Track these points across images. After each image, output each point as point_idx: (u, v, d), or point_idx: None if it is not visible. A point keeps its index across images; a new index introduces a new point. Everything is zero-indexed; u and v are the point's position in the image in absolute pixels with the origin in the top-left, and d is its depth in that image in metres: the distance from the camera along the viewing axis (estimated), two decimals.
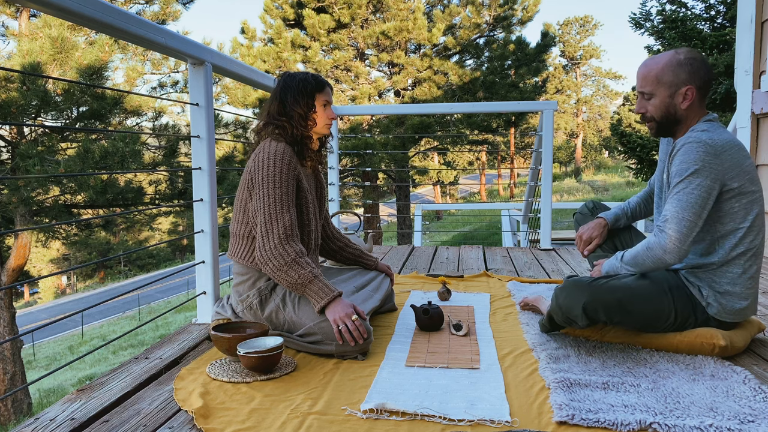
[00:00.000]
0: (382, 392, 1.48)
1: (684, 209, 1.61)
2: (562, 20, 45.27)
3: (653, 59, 1.74)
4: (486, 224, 21.86)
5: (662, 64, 1.71)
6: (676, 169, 1.65)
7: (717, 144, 1.63)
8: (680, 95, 1.70)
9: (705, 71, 1.71)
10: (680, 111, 1.72)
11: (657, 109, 1.74)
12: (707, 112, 1.76)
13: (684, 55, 1.70)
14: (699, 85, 1.70)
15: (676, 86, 1.70)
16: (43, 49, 7.84)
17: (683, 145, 1.66)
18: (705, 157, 1.61)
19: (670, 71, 1.70)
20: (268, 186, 1.81)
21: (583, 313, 1.65)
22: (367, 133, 12.78)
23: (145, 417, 1.39)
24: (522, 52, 13.90)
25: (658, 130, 1.79)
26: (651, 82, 1.72)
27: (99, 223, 10.85)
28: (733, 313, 1.72)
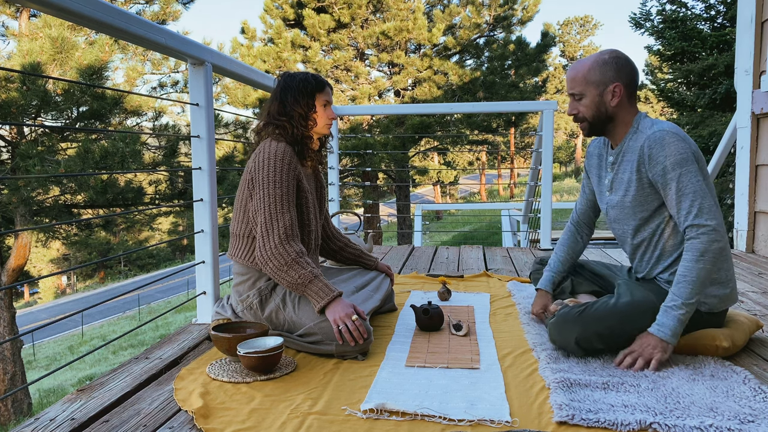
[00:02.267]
0: (382, 392, 1.48)
1: (704, 197, 1.61)
2: (562, 20, 45.28)
3: (580, 62, 1.79)
4: (486, 224, 21.86)
5: (588, 65, 1.76)
6: (663, 165, 1.65)
7: (678, 131, 1.67)
8: (609, 93, 1.74)
9: (630, 69, 1.75)
10: (611, 109, 1.76)
11: (588, 109, 1.77)
12: (637, 108, 1.79)
13: (609, 55, 1.75)
14: (626, 83, 1.74)
15: (604, 84, 1.74)
16: (43, 49, 7.84)
17: (653, 143, 1.67)
18: (680, 144, 1.64)
19: (597, 70, 1.74)
20: (269, 186, 1.81)
21: (577, 346, 1.67)
22: (367, 133, 12.78)
23: (145, 417, 1.39)
24: (522, 52, 13.90)
25: (591, 129, 1.81)
26: (579, 83, 1.76)
27: (99, 223, 10.85)
28: (722, 301, 1.73)
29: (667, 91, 8.22)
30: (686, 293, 1.59)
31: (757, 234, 3.76)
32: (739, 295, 2.57)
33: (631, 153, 1.75)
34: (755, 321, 1.85)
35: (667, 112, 29.33)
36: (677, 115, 8.74)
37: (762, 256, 3.64)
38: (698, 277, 1.59)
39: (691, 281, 1.59)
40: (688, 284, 1.59)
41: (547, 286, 2.09)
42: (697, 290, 1.59)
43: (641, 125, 1.75)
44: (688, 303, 1.60)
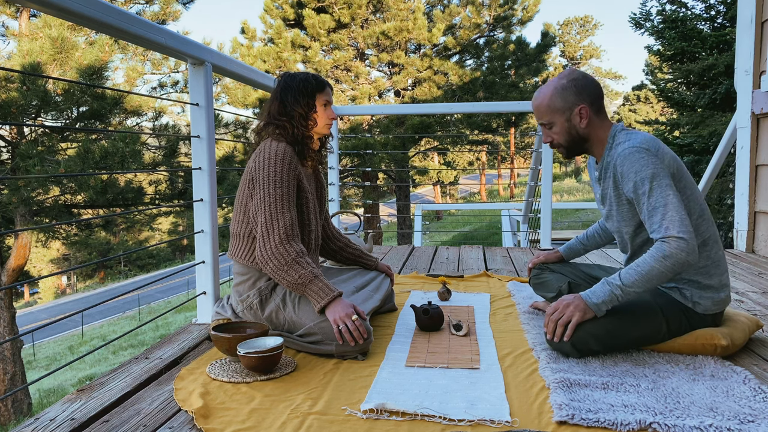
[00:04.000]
0: (382, 392, 1.48)
1: (673, 210, 1.60)
2: (562, 20, 45.29)
3: (540, 91, 1.81)
4: (486, 224, 21.86)
5: (549, 94, 1.78)
6: (633, 181, 1.66)
7: (650, 145, 1.68)
8: (576, 116, 1.76)
9: (591, 87, 1.77)
10: (582, 130, 1.78)
11: (560, 135, 1.80)
12: (611, 122, 1.81)
13: (566, 79, 1.77)
14: (590, 101, 1.76)
15: (569, 109, 1.76)
16: (43, 49, 7.84)
17: (624, 159, 1.68)
18: (649, 159, 1.65)
19: (558, 97, 1.76)
20: (269, 186, 1.81)
21: (573, 349, 1.67)
22: (367, 133, 12.78)
23: (145, 417, 1.39)
24: (522, 52, 13.91)
25: (569, 152, 1.84)
26: (545, 112, 1.79)
27: (99, 223, 10.85)
28: (718, 303, 1.75)
29: (667, 91, 8.22)
30: (630, 280, 1.61)
31: (757, 234, 3.76)
32: (739, 295, 2.57)
33: (609, 169, 1.77)
34: (755, 321, 1.85)
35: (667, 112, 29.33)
36: (677, 115, 8.75)
37: (762, 256, 3.64)
38: (649, 273, 1.59)
39: (640, 273, 1.60)
40: (636, 274, 1.60)
41: (564, 249, 2.21)
42: (641, 283, 1.60)
43: (616, 140, 1.76)
44: (626, 289, 1.61)
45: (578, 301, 1.66)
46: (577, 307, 1.66)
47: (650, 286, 1.61)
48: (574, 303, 1.67)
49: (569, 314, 1.66)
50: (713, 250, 1.74)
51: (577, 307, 1.66)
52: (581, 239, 2.21)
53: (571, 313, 1.66)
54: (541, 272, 2.20)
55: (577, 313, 1.65)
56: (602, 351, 1.70)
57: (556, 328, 1.67)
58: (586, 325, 1.66)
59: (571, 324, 1.65)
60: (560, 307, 1.69)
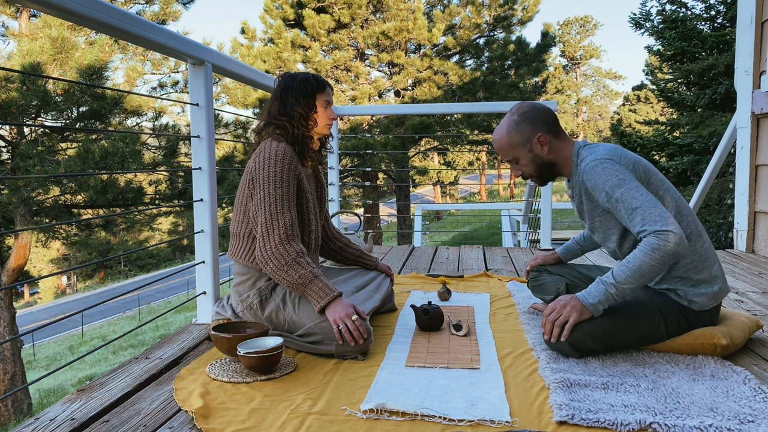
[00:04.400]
0: (382, 392, 1.48)
1: (650, 207, 1.62)
2: (562, 20, 45.31)
3: (497, 132, 1.86)
4: (486, 224, 21.86)
5: (505, 132, 1.83)
6: (604, 192, 1.69)
7: (611, 155, 1.72)
8: (536, 144, 1.81)
9: (542, 114, 1.81)
10: (547, 157, 1.83)
11: (528, 167, 1.85)
12: (571, 140, 1.85)
13: (517, 114, 1.82)
14: (546, 128, 1.81)
15: (528, 140, 1.81)
16: (43, 49, 7.84)
17: (588, 175, 1.72)
18: (611, 168, 1.68)
19: (515, 133, 1.81)
20: (269, 186, 1.81)
21: (571, 349, 1.68)
22: (367, 133, 12.78)
23: (145, 417, 1.39)
24: (522, 52, 13.90)
25: (542, 179, 1.89)
26: (507, 150, 1.84)
27: (99, 223, 10.85)
28: (713, 297, 1.75)
29: (667, 91, 8.22)
30: (622, 277, 1.62)
31: (757, 234, 3.76)
32: (739, 295, 2.57)
33: (579, 186, 1.81)
34: (755, 321, 1.85)
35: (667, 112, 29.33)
36: (677, 115, 8.75)
37: (762, 256, 3.64)
38: (640, 267, 1.60)
39: (631, 269, 1.61)
40: (627, 270, 1.61)
41: (561, 250, 2.23)
42: (633, 278, 1.61)
43: (580, 156, 1.79)
44: (619, 286, 1.62)
45: (575, 302, 1.67)
46: (574, 308, 1.66)
47: (643, 280, 1.62)
48: (570, 303, 1.67)
49: (566, 315, 1.66)
50: (698, 245, 1.75)
51: (574, 308, 1.66)
52: (578, 240, 2.21)
53: (567, 314, 1.66)
54: (539, 275, 2.20)
55: (574, 313, 1.66)
56: (601, 351, 1.70)
57: (554, 329, 1.68)
58: (583, 326, 1.66)
59: (568, 325, 1.65)
60: (557, 307, 1.69)
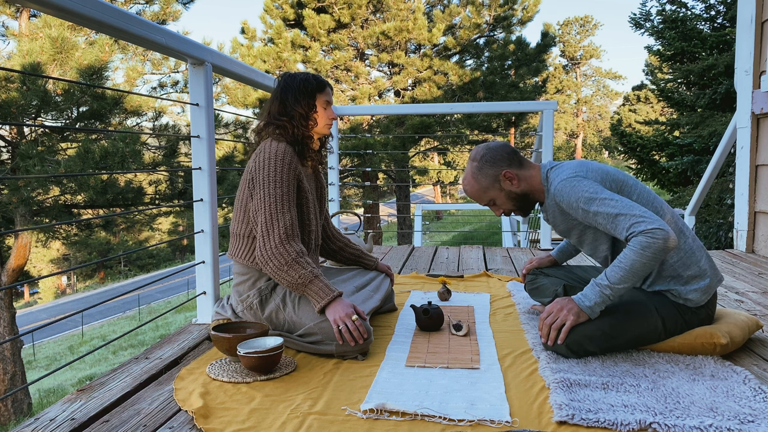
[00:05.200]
0: (382, 392, 1.48)
1: (630, 210, 1.63)
2: (562, 20, 45.30)
3: (465, 181, 1.90)
4: (486, 224, 21.87)
5: (472, 180, 1.87)
6: (580, 209, 1.70)
7: (577, 171, 1.75)
8: (505, 182, 1.84)
9: (499, 152, 1.85)
10: (518, 190, 1.86)
11: (506, 204, 1.89)
12: (537, 166, 1.88)
13: (477, 161, 1.85)
14: (507, 164, 1.85)
15: (497, 181, 1.85)
16: (43, 49, 7.84)
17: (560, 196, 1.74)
18: (581, 183, 1.70)
19: (482, 178, 1.85)
20: (269, 186, 1.81)
21: (569, 350, 1.68)
22: (367, 133, 12.78)
23: (145, 417, 1.39)
24: (522, 52, 13.89)
25: (524, 210, 1.92)
26: (480, 195, 1.88)
27: (99, 223, 10.85)
28: (707, 291, 1.75)
29: (667, 91, 8.22)
30: (616, 278, 1.63)
31: (757, 234, 3.76)
32: (739, 295, 2.57)
33: (553, 208, 1.83)
34: (755, 320, 1.85)
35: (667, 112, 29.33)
36: (677, 115, 8.75)
37: (762, 256, 3.64)
38: (632, 266, 1.61)
39: (623, 268, 1.62)
40: (620, 270, 1.62)
41: (555, 252, 2.24)
42: (626, 278, 1.62)
43: (549, 180, 1.82)
44: (614, 286, 1.63)
45: (571, 305, 1.67)
46: (571, 311, 1.67)
47: (637, 279, 1.63)
48: (567, 306, 1.68)
49: (563, 318, 1.67)
50: (681, 241, 1.75)
51: (571, 311, 1.67)
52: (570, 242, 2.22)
53: (564, 317, 1.67)
54: (536, 277, 2.20)
55: (571, 316, 1.66)
56: (599, 352, 1.70)
57: (551, 332, 1.68)
58: (580, 328, 1.67)
59: (565, 328, 1.66)
60: (554, 310, 1.70)
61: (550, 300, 2.08)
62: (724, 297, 2.52)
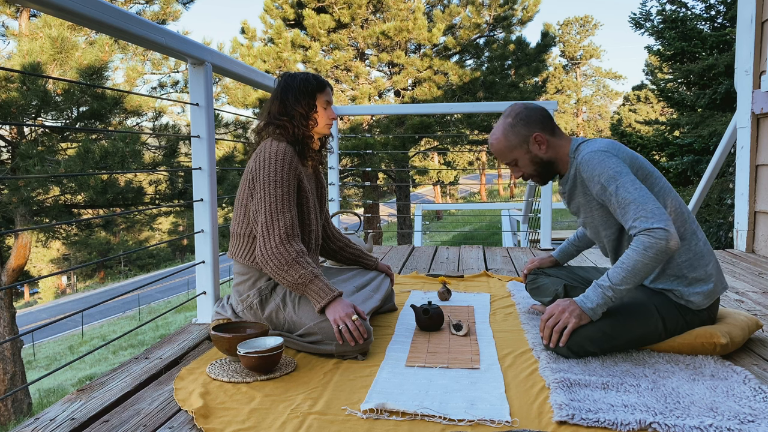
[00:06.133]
0: (382, 392, 1.48)
1: (643, 202, 1.62)
2: (562, 20, 45.31)
3: (493, 135, 1.85)
4: (486, 224, 21.86)
5: (502, 136, 1.83)
6: (599, 184, 1.69)
7: (608, 148, 1.73)
8: (534, 145, 1.81)
9: (536, 114, 1.81)
10: (545, 156, 1.83)
11: (527, 167, 1.85)
12: (568, 137, 1.85)
13: (512, 117, 1.81)
14: (541, 128, 1.81)
15: (525, 142, 1.81)
16: (43, 49, 7.84)
17: (585, 165, 1.72)
18: (608, 160, 1.69)
19: (512, 135, 1.81)
20: (270, 185, 1.81)
21: (569, 351, 1.68)
22: (367, 133, 12.78)
23: (145, 417, 1.39)
24: (522, 52, 13.89)
25: (542, 179, 1.89)
26: (505, 153, 1.84)
27: (99, 223, 10.84)
28: (709, 295, 1.75)
29: (667, 91, 8.22)
30: (618, 278, 1.62)
31: (757, 234, 3.76)
32: (739, 295, 2.57)
33: (576, 179, 1.81)
34: (754, 320, 1.85)
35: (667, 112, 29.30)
36: (677, 115, 8.75)
37: (762, 256, 3.64)
38: (634, 267, 1.60)
39: (625, 269, 1.61)
40: (622, 271, 1.62)
41: (557, 252, 2.24)
42: (629, 278, 1.61)
43: (578, 151, 1.79)
44: (616, 287, 1.62)
45: (573, 307, 1.66)
46: (572, 313, 1.66)
47: (639, 279, 1.62)
48: (569, 309, 1.67)
49: (564, 320, 1.66)
50: (692, 243, 1.75)
51: (572, 313, 1.66)
52: (573, 241, 2.22)
53: (566, 319, 1.66)
54: (537, 277, 2.20)
55: (573, 319, 1.65)
56: (599, 353, 1.70)
57: (552, 334, 1.68)
58: (581, 329, 1.66)
59: (567, 330, 1.65)
60: (555, 312, 1.69)
61: (551, 300, 2.07)
62: (724, 297, 2.52)
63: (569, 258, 2.23)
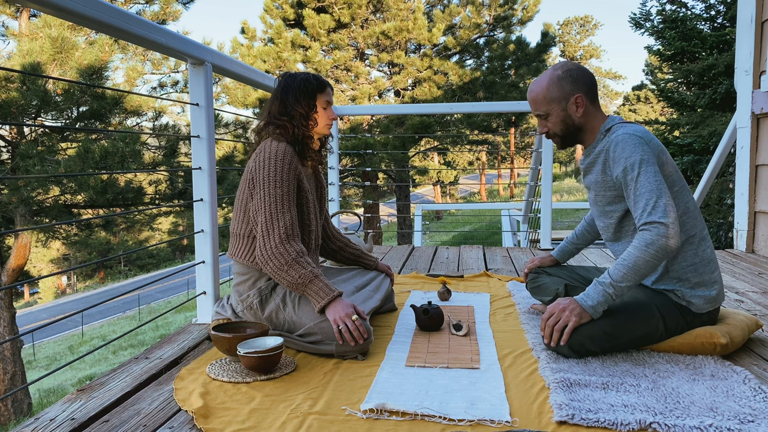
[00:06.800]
0: (382, 392, 1.48)
1: (658, 196, 1.62)
2: (562, 20, 45.32)
3: (536, 83, 1.83)
4: (486, 224, 21.86)
5: (546, 84, 1.80)
6: (623, 166, 1.68)
7: (643, 134, 1.71)
8: (572, 105, 1.79)
9: (586, 76, 1.79)
10: (577, 119, 1.80)
11: (556, 125, 1.82)
12: (605, 114, 1.83)
13: (561, 70, 1.79)
14: (585, 90, 1.79)
15: (566, 99, 1.79)
16: (43, 49, 7.84)
17: (616, 145, 1.70)
18: (641, 146, 1.67)
19: (555, 88, 1.78)
20: (269, 185, 1.81)
21: (570, 350, 1.68)
22: (367, 133, 12.78)
23: (145, 417, 1.39)
24: (522, 52, 13.91)
25: (564, 142, 1.87)
26: (542, 103, 1.81)
27: (99, 223, 10.85)
28: (711, 301, 1.75)
29: (667, 91, 8.22)
30: (619, 275, 1.62)
31: (757, 234, 3.76)
32: (739, 294, 2.57)
33: (602, 155, 1.79)
34: (754, 320, 1.85)
35: (667, 112, 29.29)
36: (677, 115, 8.74)
37: (762, 256, 3.64)
38: (635, 264, 1.60)
39: (626, 266, 1.61)
40: (623, 268, 1.62)
41: (556, 252, 2.24)
42: (629, 276, 1.61)
43: (613, 129, 1.78)
44: (617, 285, 1.62)
45: (574, 305, 1.66)
46: (573, 312, 1.65)
47: (640, 276, 1.62)
48: (570, 307, 1.66)
49: (565, 319, 1.66)
50: (701, 248, 1.74)
51: (573, 312, 1.65)
52: (572, 240, 2.22)
53: (567, 318, 1.66)
54: (538, 276, 2.20)
55: (573, 317, 1.65)
56: (600, 352, 1.70)
57: (553, 333, 1.67)
58: (582, 328, 1.66)
59: (568, 329, 1.65)
60: (556, 311, 1.68)
61: (551, 299, 2.07)
62: (724, 297, 2.51)
63: (569, 256, 2.24)
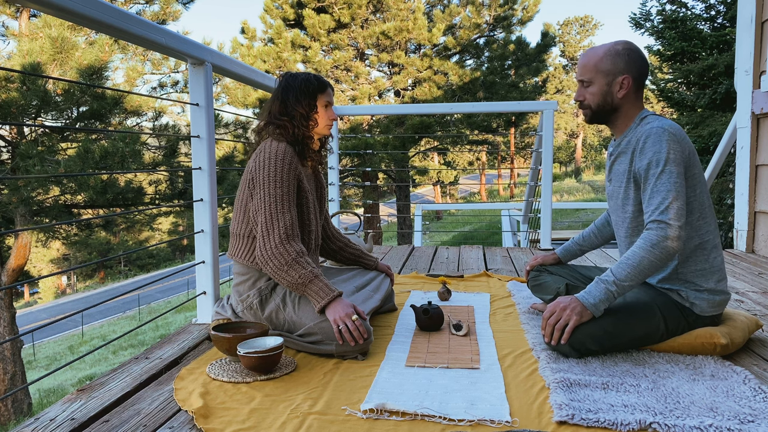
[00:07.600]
0: (382, 392, 1.48)
1: (673, 197, 1.61)
2: (562, 20, 45.31)
3: (593, 49, 1.79)
4: (486, 224, 21.86)
5: (601, 54, 1.76)
6: (649, 159, 1.66)
7: (677, 131, 1.68)
8: (617, 84, 1.75)
9: (642, 63, 1.76)
10: (616, 99, 1.77)
11: (594, 97, 1.78)
12: (642, 104, 1.80)
13: (622, 46, 1.75)
14: (635, 76, 1.75)
15: (614, 75, 1.75)
16: (43, 49, 7.84)
17: (648, 137, 1.68)
18: (673, 144, 1.65)
19: (609, 60, 1.74)
20: (269, 185, 1.81)
21: (571, 350, 1.67)
22: (367, 133, 12.78)
23: (145, 417, 1.39)
24: (522, 52, 13.91)
25: (593, 117, 1.82)
26: (590, 70, 1.77)
27: (99, 223, 10.85)
28: (716, 306, 1.75)
29: (667, 91, 8.22)
30: (622, 274, 1.62)
31: (757, 234, 3.76)
32: (739, 295, 2.57)
33: (629, 145, 1.77)
34: (755, 320, 1.85)
35: (667, 112, 29.24)
36: (677, 115, 8.74)
37: (762, 256, 3.64)
38: (639, 263, 1.60)
39: (630, 265, 1.61)
40: (627, 267, 1.61)
41: (560, 250, 2.23)
42: (633, 275, 1.61)
43: (647, 120, 1.75)
44: (620, 283, 1.62)
45: (575, 304, 1.66)
46: (574, 310, 1.65)
47: (643, 276, 1.62)
48: (570, 306, 1.66)
49: (566, 317, 1.65)
50: (712, 255, 1.74)
51: (574, 310, 1.65)
52: (577, 240, 2.22)
53: (568, 317, 1.65)
54: (539, 274, 2.20)
55: (574, 316, 1.64)
56: (601, 351, 1.70)
57: (554, 332, 1.67)
58: (583, 327, 1.66)
59: (569, 327, 1.65)
60: (557, 310, 1.68)
61: (552, 298, 2.07)
62: (723, 309, 2.51)
63: (572, 257, 2.23)
